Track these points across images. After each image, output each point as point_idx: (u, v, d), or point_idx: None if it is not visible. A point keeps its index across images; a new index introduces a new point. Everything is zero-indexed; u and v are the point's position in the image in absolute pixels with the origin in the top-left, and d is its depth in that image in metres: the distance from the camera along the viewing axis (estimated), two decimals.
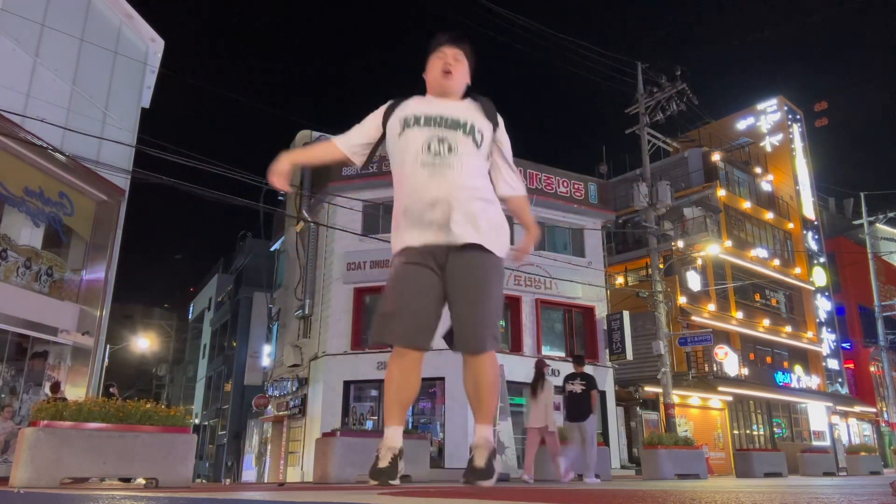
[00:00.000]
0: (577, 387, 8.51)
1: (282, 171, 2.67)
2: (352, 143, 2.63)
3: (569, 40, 21.40)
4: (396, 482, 2.43)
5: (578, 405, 8.43)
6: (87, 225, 11.58)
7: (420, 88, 2.67)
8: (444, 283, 2.42)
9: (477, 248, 2.39)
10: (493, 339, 2.42)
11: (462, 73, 2.60)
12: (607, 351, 19.53)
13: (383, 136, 2.60)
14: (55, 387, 10.11)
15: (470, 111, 2.53)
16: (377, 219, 17.85)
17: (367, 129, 2.63)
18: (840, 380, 30.64)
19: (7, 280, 9.93)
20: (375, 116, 2.62)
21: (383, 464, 2.43)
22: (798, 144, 32.68)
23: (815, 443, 26.29)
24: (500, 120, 2.63)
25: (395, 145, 2.52)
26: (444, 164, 2.40)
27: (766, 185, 29.99)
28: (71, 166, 10.72)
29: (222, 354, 33.24)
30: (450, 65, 2.56)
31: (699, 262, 22.63)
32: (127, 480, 6.61)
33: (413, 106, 2.55)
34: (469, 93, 2.63)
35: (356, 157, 2.64)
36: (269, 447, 21.46)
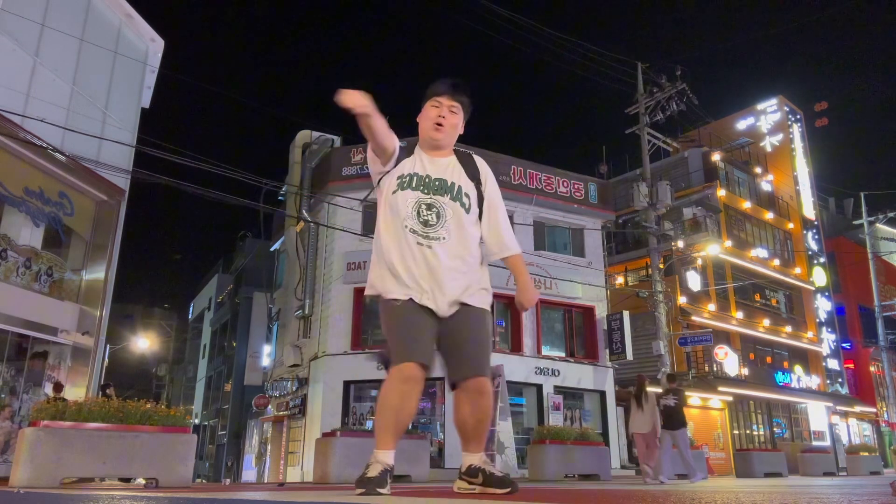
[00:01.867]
0: (670, 401, 9.58)
1: (363, 101, 2.39)
2: (395, 147, 2.62)
3: (569, 40, 21.42)
4: (386, 491, 2.38)
5: (672, 416, 9.45)
6: (87, 225, 11.57)
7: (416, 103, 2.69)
8: (441, 335, 2.52)
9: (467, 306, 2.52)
10: (489, 370, 2.57)
11: (454, 127, 2.64)
12: (607, 351, 19.53)
13: (386, 173, 2.65)
14: (57, 387, 10.11)
15: (456, 172, 2.61)
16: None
17: (392, 151, 2.62)
18: (840, 380, 30.63)
19: (7, 280, 9.93)
20: (394, 152, 2.63)
21: (372, 473, 2.41)
22: (798, 144, 32.67)
23: (815, 443, 26.28)
24: (486, 173, 2.68)
25: (389, 199, 2.58)
26: (432, 237, 2.49)
27: (766, 185, 29.99)
28: (71, 166, 10.72)
29: (222, 354, 33.23)
30: (443, 118, 2.61)
31: (699, 262, 22.63)
32: (127, 480, 6.61)
33: (410, 162, 2.62)
34: (456, 148, 2.70)
35: (387, 155, 2.61)
36: (269, 447, 21.46)
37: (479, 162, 2.71)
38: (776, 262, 28.15)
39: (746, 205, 27.66)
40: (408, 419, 2.54)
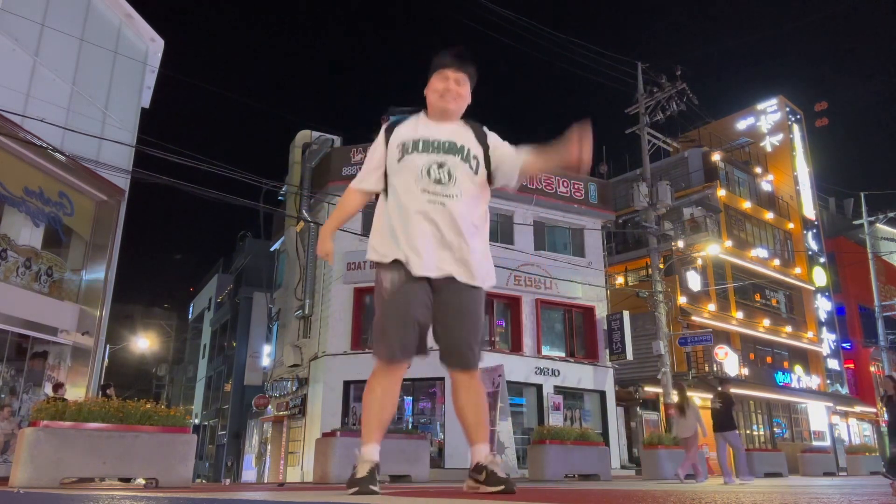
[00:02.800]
0: (716, 404, 10.26)
1: (329, 249, 2.79)
2: (369, 180, 2.67)
3: (569, 40, 21.43)
4: (376, 488, 2.42)
5: (721, 419, 10.11)
6: (87, 225, 11.57)
7: (418, 98, 2.69)
8: (436, 306, 2.53)
9: (468, 284, 2.52)
10: (481, 360, 2.61)
11: (462, 97, 2.64)
12: (607, 351, 19.52)
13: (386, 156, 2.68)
14: (57, 387, 10.11)
15: (465, 135, 2.61)
16: None
17: (375, 159, 2.67)
18: (840, 380, 30.63)
19: (7, 280, 9.93)
20: (378, 144, 2.67)
21: (362, 473, 2.44)
22: (798, 144, 32.67)
23: (816, 443, 26.28)
24: (494, 136, 2.68)
25: (394, 169, 2.58)
26: (444, 195, 2.48)
27: (766, 185, 29.98)
28: (71, 166, 10.71)
29: (222, 354, 33.24)
30: (450, 90, 2.60)
31: (699, 262, 22.63)
32: (127, 480, 6.61)
33: (411, 129, 2.61)
34: (463, 115, 2.69)
35: (374, 186, 2.68)
36: (269, 447, 21.46)
37: (487, 131, 2.70)
38: (776, 262, 28.14)
39: (746, 205, 27.66)
40: (390, 413, 2.61)
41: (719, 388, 10.74)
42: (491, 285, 2.61)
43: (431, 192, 2.47)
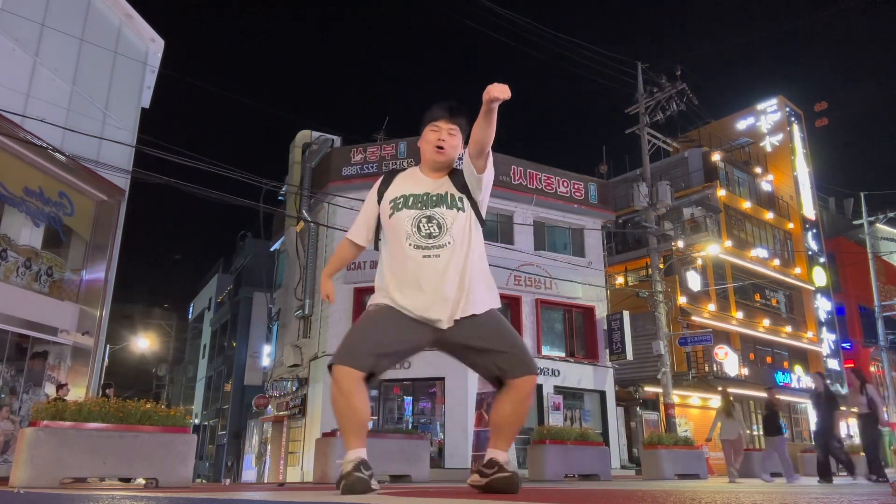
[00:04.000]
0: (766, 411, 11.29)
1: (329, 290, 3.04)
2: (361, 234, 2.89)
3: (569, 40, 21.44)
4: (364, 475, 2.45)
5: (769, 425, 10.99)
6: (87, 225, 11.57)
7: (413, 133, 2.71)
8: (452, 346, 2.64)
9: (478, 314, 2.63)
10: (532, 364, 2.74)
11: (454, 148, 2.73)
12: (607, 351, 19.53)
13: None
14: (60, 387, 10.12)
15: (447, 184, 2.71)
16: None
17: (368, 215, 2.84)
18: (840, 380, 30.62)
19: (7, 280, 9.93)
20: (371, 198, 2.81)
21: (346, 469, 2.47)
22: (798, 144, 32.67)
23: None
24: (464, 162, 2.71)
25: (386, 225, 2.72)
26: (437, 246, 2.58)
27: (766, 185, 29.98)
28: (71, 166, 10.72)
29: (222, 354, 33.24)
30: (443, 140, 2.69)
31: (699, 262, 22.63)
32: (127, 480, 6.61)
33: (400, 186, 2.73)
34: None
35: (365, 242, 2.90)
36: (269, 447, 21.46)
37: (463, 164, 2.75)
38: (776, 262, 28.15)
39: (746, 205, 27.66)
40: (364, 415, 2.58)
41: (770, 397, 11.66)
42: (497, 306, 2.73)
43: (424, 246, 2.58)
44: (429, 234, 2.59)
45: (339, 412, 2.52)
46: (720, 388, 12.03)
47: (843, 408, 12.60)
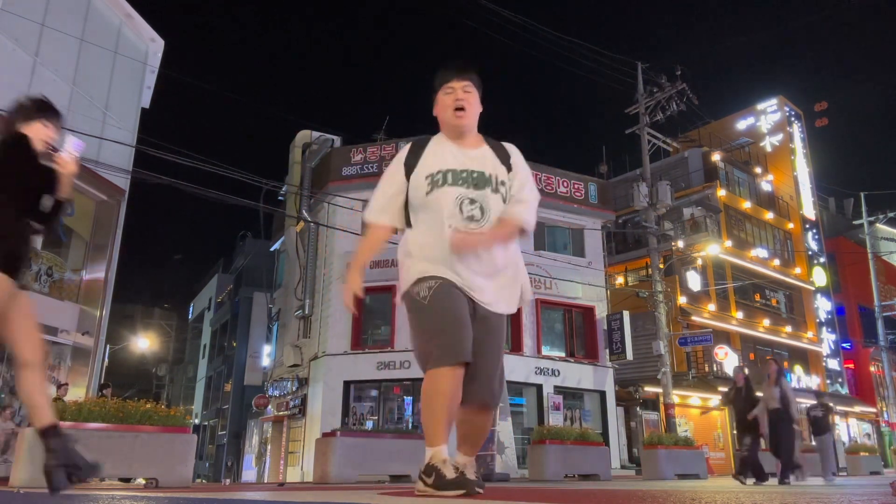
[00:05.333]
0: (818, 412, 11.83)
1: (358, 285, 2.57)
2: (390, 212, 2.55)
3: (569, 40, 21.45)
4: (482, 490, 2.34)
5: (821, 424, 11.58)
6: (87, 225, 11.58)
7: (427, 122, 2.61)
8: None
9: (499, 313, 2.47)
10: (500, 397, 2.57)
11: (474, 106, 2.52)
12: (607, 351, 19.53)
13: (407, 186, 2.53)
14: (59, 387, 10.13)
15: (491, 161, 2.50)
16: None
17: (395, 192, 2.53)
18: (840, 380, 30.63)
19: None
20: (397, 173, 2.52)
21: (452, 474, 2.31)
22: (798, 144, 32.67)
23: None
24: (516, 155, 2.59)
25: (422, 202, 2.45)
26: (479, 231, 2.39)
27: (766, 185, 29.98)
28: None
29: (222, 354, 33.24)
30: (461, 100, 2.48)
31: (699, 262, 22.62)
32: (127, 480, 6.61)
33: (435, 158, 2.47)
34: (481, 131, 2.59)
35: (399, 220, 2.56)
36: (269, 447, 21.46)
37: (509, 147, 2.60)
38: (776, 262, 28.14)
39: (746, 205, 27.66)
40: (453, 416, 2.45)
41: (820, 400, 12.44)
42: (512, 311, 2.56)
43: (465, 230, 2.37)
44: (471, 217, 2.38)
45: (439, 407, 2.31)
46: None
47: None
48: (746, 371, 9.46)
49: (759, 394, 8.91)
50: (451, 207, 2.37)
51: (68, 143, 2.90)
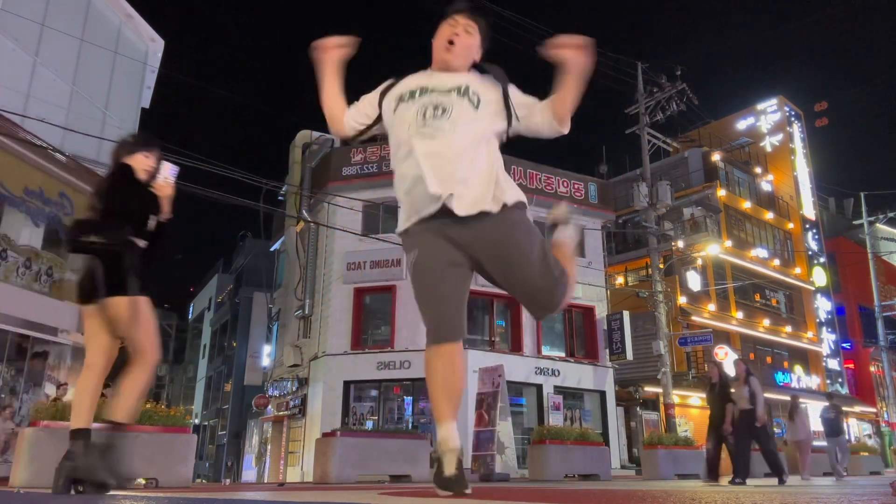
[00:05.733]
0: (831, 414, 12.59)
1: (333, 53, 2.49)
2: (351, 115, 2.47)
3: None
4: (469, 490, 2.17)
5: (833, 426, 12.44)
6: None
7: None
8: (471, 259, 2.28)
9: (488, 215, 2.22)
10: (565, 291, 2.38)
11: (468, 47, 2.39)
12: (607, 351, 19.53)
13: (379, 118, 2.44)
14: (58, 387, 10.13)
15: (467, 78, 2.36)
16: (377, 219, 17.85)
17: (363, 106, 2.46)
18: (840, 380, 30.63)
19: (7, 280, 9.93)
20: (373, 95, 2.46)
21: (450, 470, 2.18)
22: (798, 144, 32.67)
23: (816, 443, 26.24)
24: (510, 84, 2.41)
25: (391, 122, 2.36)
26: (437, 128, 2.21)
27: (766, 185, 29.98)
28: (71, 166, 10.72)
29: (222, 354, 33.24)
30: (457, 35, 2.36)
31: (699, 262, 22.62)
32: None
33: (409, 82, 2.39)
34: (476, 66, 2.45)
35: (347, 127, 2.48)
36: (269, 447, 21.45)
37: (498, 72, 2.43)
38: (776, 262, 28.14)
39: (746, 205, 27.66)
40: (456, 388, 2.30)
41: (832, 402, 12.81)
42: (515, 200, 2.30)
43: (421, 131, 2.22)
44: (430, 117, 2.23)
45: (432, 382, 2.26)
46: (793, 396, 13.22)
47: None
48: (735, 365, 9.20)
49: (732, 390, 8.61)
50: (413, 117, 2.25)
51: (165, 169, 3.36)
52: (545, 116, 2.32)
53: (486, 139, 2.30)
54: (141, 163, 3.29)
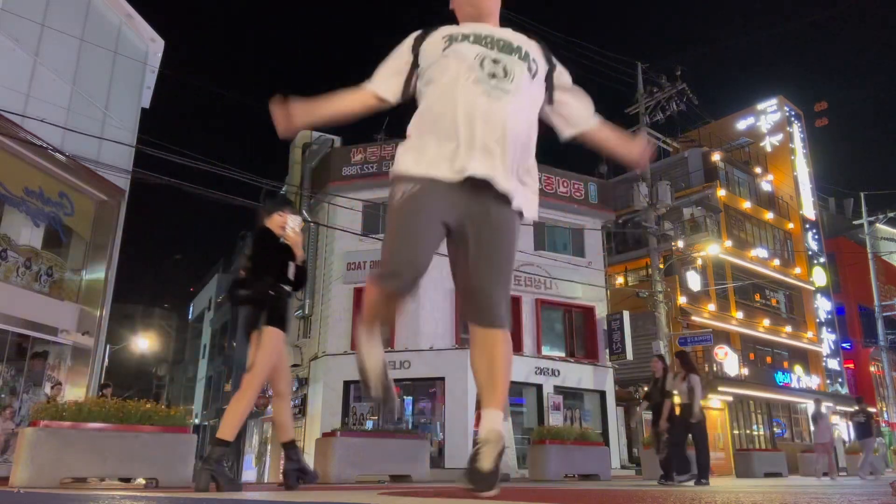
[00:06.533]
0: (861, 418, 12.87)
1: (297, 119, 2.20)
2: (387, 84, 2.22)
3: (568, 39, 21.43)
4: (495, 493, 1.92)
5: (863, 429, 12.71)
6: (87, 225, 11.57)
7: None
8: (458, 228, 2.06)
9: (509, 205, 2.06)
10: (508, 315, 2.12)
11: None
12: (607, 351, 19.53)
13: (415, 65, 2.19)
14: (54, 386, 10.14)
15: (522, 39, 2.16)
16: (377, 219, 17.85)
17: (399, 64, 2.21)
18: (840, 380, 30.63)
19: (7, 280, 9.93)
20: (403, 46, 2.23)
21: (487, 465, 1.92)
22: (798, 144, 32.67)
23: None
24: (556, 61, 2.26)
25: (436, 61, 2.10)
26: (501, 89, 2.01)
27: (766, 185, 29.99)
28: (71, 166, 10.71)
29: (222, 354, 33.24)
30: None
31: (699, 262, 22.63)
32: (127, 480, 6.60)
33: (453, 29, 2.18)
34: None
35: (391, 94, 2.22)
36: (269, 447, 21.47)
37: (543, 45, 2.26)
38: (776, 262, 28.15)
39: (746, 205, 27.66)
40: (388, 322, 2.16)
41: (860, 406, 13.20)
42: (532, 218, 2.15)
43: (485, 83, 2.00)
44: (492, 74, 2.01)
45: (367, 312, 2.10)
46: (816, 398, 14.07)
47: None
48: (676, 359, 8.89)
49: (669, 385, 8.44)
50: (472, 61, 2.03)
51: (292, 221, 4.15)
52: (586, 109, 2.26)
53: (535, 120, 2.15)
54: (276, 222, 4.11)
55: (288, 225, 4.09)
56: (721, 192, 25.91)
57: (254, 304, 3.99)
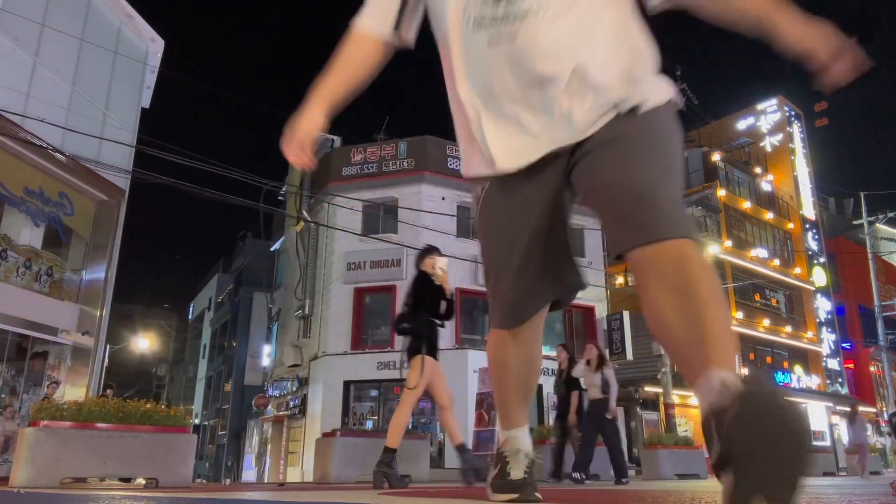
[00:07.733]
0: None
1: (312, 126, 1.83)
2: (381, 16, 1.72)
3: None
4: (539, 495, 1.86)
5: None
6: (87, 225, 11.58)
7: None
8: (572, 185, 1.66)
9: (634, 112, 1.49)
10: (685, 223, 1.35)
11: None
12: (607, 351, 19.52)
13: None
14: (50, 385, 10.14)
15: None
16: (377, 219, 17.86)
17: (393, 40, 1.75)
18: (840, 380, 30.63)
19: (7, 280, 9.93)
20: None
21: (518, 473, 1.89)
22: (798, 144, 32.67)
23: (815, 443, 26.26)
24: None
25: (432, 14, 1.66)
26: (511, 19, 1.45)
27: (766, 185, 29.99)
28: (71, 166, 10.72)
29: (222, 354, 33.24)
30: None
31: None
32: (127, 480, 6.61)
33: None
34: None
35: (385, 22, 1.72)
36: (269, 447, 21.46)
37: None
38: (776, 262, 28.15)
39: (746, 205, 27.67)
40: (530, 383, 1.96)
41: None
42: (667, 97, 1.57)
43: (488, 19, 1.46)
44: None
45: (495, 388, 1.98)
46: (851, 401, 13.97)
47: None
48: (587, 350, 8.42)
49: (581, 377, 8.02)
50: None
51: (441, 262, 5.09)
52: None
53: (612, 8, 1.64)
54: (429, 264, 5.05)
55: (437, 265, 5.04)
56: (721, 192, 25.91)
57: (414, 336, 5.04)
